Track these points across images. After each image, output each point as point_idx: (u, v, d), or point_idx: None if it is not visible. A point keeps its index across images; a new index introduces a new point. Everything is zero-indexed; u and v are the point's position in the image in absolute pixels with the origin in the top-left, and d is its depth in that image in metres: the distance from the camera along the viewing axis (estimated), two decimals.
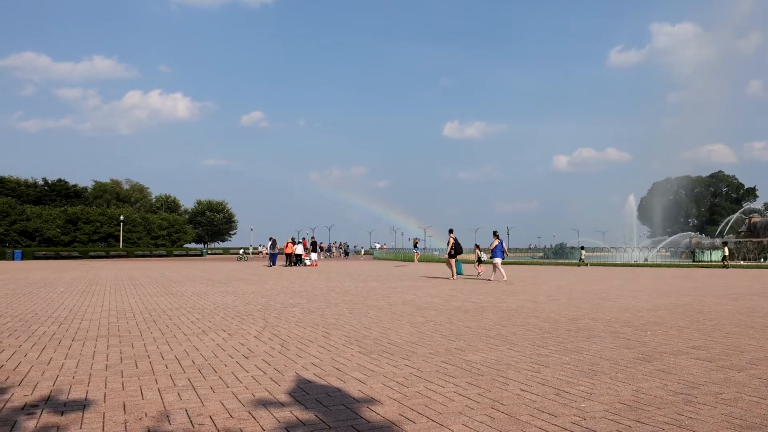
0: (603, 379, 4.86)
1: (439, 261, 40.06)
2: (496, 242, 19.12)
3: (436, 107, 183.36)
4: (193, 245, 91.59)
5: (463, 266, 23.07)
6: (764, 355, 5.88)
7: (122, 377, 4.97)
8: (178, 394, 4.40)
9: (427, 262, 40.92)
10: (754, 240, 38.80)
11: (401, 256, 54.08)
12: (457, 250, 19.74)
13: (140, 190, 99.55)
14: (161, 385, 4.67)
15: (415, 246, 46.31)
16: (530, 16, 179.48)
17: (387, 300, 12.08)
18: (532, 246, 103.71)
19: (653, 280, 19.25)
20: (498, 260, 18.97)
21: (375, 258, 58.00)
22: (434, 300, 12.03)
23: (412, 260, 41.80)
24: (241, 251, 64.59)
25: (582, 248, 36.64)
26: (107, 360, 5.75)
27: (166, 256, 70.02)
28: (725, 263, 29.26)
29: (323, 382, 4.79)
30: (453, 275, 19.60)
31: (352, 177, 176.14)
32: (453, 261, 19.73)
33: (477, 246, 24.18)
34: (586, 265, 32.64)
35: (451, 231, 20.04)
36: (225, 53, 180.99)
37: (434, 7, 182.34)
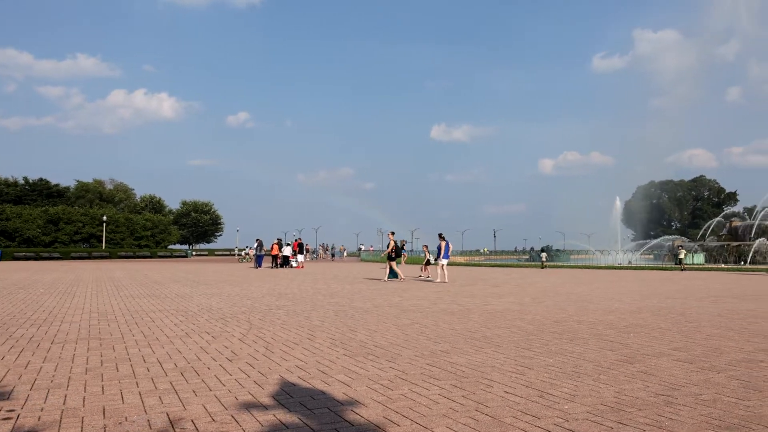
0: (586, 380, 4.89)
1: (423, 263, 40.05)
2: (443, 244, 19.34)
3: (424, 109, 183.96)
4: (178, 246, 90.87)
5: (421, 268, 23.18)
6: (743, 357, 5.95)
7: (102, 381, 4.90)
8: (160, 397, 4.36)
9: (413, 264, 40.91)
10: (733, 243, 39.33)
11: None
12: (397, 252, 19.96)
13: (124, 191, 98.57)
14: (142, 389, 4.61)
15: (402, 248, 46.26)
16: (517, 21, 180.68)
17: (373, 302, 12.07)
18: (518, 248, 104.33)
19: (636, 282, 19.44)
20: (444, 262, 19.16)
21: (361, 260, 57.94)
22: (420, 302, 12.04)
23: (399, 262, 41.79)
24: (237, 250, 63.71)
25: (542, 250, 37.41)
26: (87, 363, 5.68)
27: (150, 257, 69.36)
28: (682, 266, 30.32)
29: (307, 385, 4.77)
30: (391, 276, 19.76)
31: (339, 178, 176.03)
32: (393, 263, 19.88)
33: (425, 247, 24.40)
34: (544, 267, 33.34)
35: (392, 233, 20.22)
36: (211, 53, 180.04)
37: (422, 9, 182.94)
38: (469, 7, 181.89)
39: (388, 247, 20.13)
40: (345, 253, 72.62)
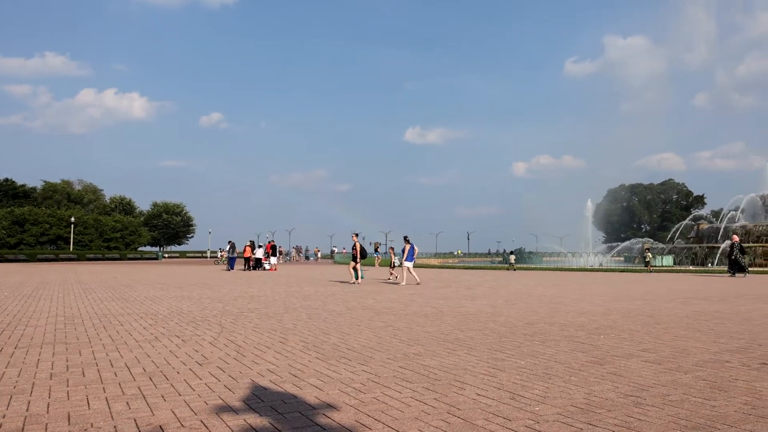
0: (557, 382, 4.93)
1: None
2: (408, 247, 19.47)
3: (399, 112, 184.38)
4: (148, 248, 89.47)
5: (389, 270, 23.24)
6: (709, 358, 6.07)
7: (68, 386, 4.78)
8: (127, 403, 4.26)
9: (389, 266, 40.93)
10: (701, 246, 40.21)
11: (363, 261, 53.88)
12: (362, 254, 20.05)
13: (93, 191, 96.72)
14: (109, 394, 4.51)
15: (375, 250, 46.28)
16: (490, 26, 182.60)
17: (346, 305, 12.03)
18: (491, 251, 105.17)
19: (607, 284, 19.74)
20: (409, 264, 19.27)
21: (335, 262, 57.72)
22: (394, 304, 12.04)
23: (373, 265, 41.76)
24: (210, 252, 62.84)
25: (511, 253, 37.95)
26: (52, 368, 5.53)
27: (120, 259, 68.12)
28: (650, 268, 31.06)
29: (279, 389, 4.72)
30: (353, 278, 19.83)
31: (313, 180, 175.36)
32: (357, 265, 19.95)
33: (392, 249, 24.51)
34: (514, 269, 33.70)
35: (356, 235, 20.31)
36: (184, 53, 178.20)
37: (397, 12, 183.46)
38: (443, 11, 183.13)
39: (353, 249, 20.19)
40: (319, 256, 72.28)
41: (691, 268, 34.07)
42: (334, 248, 75.67)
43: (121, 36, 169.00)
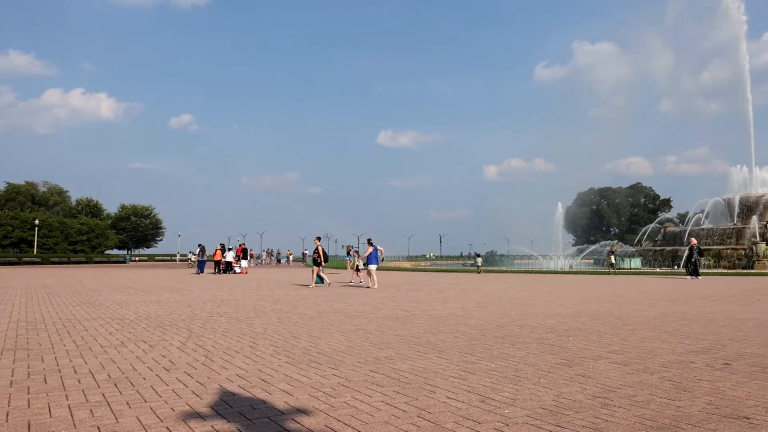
0: (526, 384, 4.97)
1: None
2: (371, 250, 19.56)
3: (371, 115, 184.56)
4: (115, 251, 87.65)
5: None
6: (675, 359, 6.19)
7: (29, 394, 4.64)
8: (91, 410, 4.16)
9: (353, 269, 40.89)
10: (667, 248, 41.09)
11: (334, 263, 53.74)
12: (324, 258, 20.12)
13: (59, 193, 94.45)
14: (72, 402, 4.39)
15: (348, 253, 46.11)
16: (462, 31, 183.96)
17: (317, 308, 11.96)
18: (464, 253, 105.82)
19: (576, 287, 20.01)
20: (373, 267, 19.35)
21: (307, 265, 57.36)
22: (365, 308, 12.01)
23: (345, 267, 41.62)
24: (180, 256, 61.82)
25: (478, 255, 38.26)
26: (12, 375, 5.37)
27: (86, 262, 66.61)
28: (611, 270, 31.59)
29: (248, 394, 4.65)
30: (313, 282, 19.86)
31: (285, 183, 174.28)
32: (318, 268, 19.99)
33: (356, 252, 24.59)
34: (479, 272, 33.96)
35: (318, 239, 20.36)
36: (155, 54, 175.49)
37: (370, 16, 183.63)
38: (417, 15, 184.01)
39: (314, 253, 20.20)
40: (291, 259, 71.74)
41: (658, 270, 34.79)
42: (305, 251, 75.23)
43: (89, 35, 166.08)
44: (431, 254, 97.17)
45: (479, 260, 36.74)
